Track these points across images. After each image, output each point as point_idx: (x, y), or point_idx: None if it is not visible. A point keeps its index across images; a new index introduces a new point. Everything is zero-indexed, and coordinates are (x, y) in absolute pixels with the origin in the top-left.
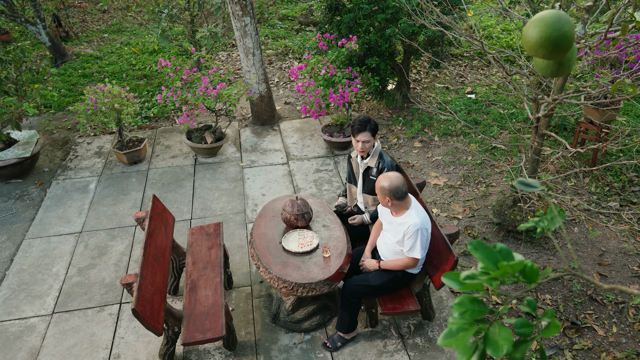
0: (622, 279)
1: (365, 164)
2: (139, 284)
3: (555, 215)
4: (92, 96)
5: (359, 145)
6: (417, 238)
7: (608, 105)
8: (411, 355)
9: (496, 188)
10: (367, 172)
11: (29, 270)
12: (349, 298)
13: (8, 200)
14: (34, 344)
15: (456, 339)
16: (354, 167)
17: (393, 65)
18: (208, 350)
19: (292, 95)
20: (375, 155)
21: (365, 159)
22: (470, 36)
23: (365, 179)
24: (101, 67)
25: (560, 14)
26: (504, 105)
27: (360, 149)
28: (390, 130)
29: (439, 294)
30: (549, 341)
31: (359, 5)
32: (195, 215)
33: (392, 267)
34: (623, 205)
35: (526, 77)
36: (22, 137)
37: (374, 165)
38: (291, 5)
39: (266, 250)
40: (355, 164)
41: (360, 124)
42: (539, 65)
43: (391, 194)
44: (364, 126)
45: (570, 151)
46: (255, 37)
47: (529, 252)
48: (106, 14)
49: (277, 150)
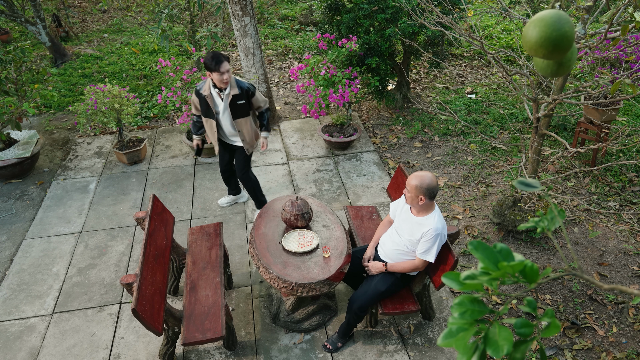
0: (622, 279)
1: (228, 94)
2: (139, 284)
3: (555, 215)
4: (92, 96)
5: (224, 77)
6: (435, 242)
7: (608, 105)
8: (411, 355)
9: (496, 188)
10: (235, 100)
11: (29, 270)
12: (357, 312)
13: (8, 200)
14: (34, 344)
15: (456, 339)
16: (210, 103)
17: (393, 65)
18: (208, 350)
19: (292, 95)
20: (233, 83)
21: (226, 90)
22: (470, 36)
23: (235, 107)
24: (101, 67)
25: (560, 14)
26: (504, 105)
27: (226, 80)
28: (390, 130)
29: (439, 294)
30: (549, 341)
31: (359, 5)
32: (195, 215)
33: (400, 270)
34: (623, 205)
35: (526, 77)
36: (22, 137)
37: (239, 92)
38: (291, 5)
39: (266, 250)
40: (211, 99)
41: (215, 57)
42: (539, 65)
43: (427, 193)
44: (221, 57)
45: (570, 151)
46: (255, 37)
47: (529, 252)
48: (106, 14)
49: (277, 150)
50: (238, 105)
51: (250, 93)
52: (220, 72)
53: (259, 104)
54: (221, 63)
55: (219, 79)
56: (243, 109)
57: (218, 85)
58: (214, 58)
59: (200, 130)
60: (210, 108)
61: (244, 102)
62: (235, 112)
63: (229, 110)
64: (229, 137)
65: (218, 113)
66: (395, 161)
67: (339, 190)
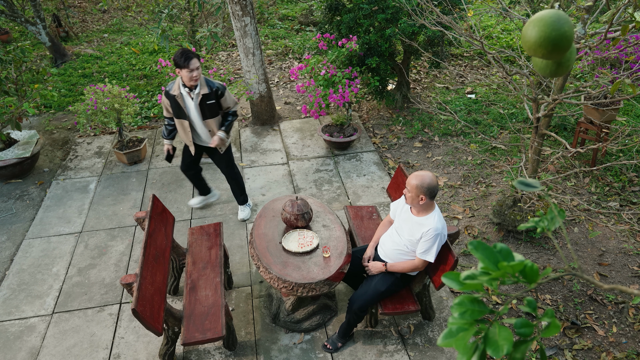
0: (622, 279)
1: (198, 93)
2: (139, 284)
3: (555, 215)
4: (92, 96)
5: (193, 74)
6: (434, 242)
7: (608, 105)
8: (411, 355)
9: (496, 188)
10: (205, 100)
11: (29, 270)
12: (357, 312)
13: (8, 200)
14: (34, 344)
15: (456, 339)
16: (180, 102)
17: (393, 65)
18: (208, 350)
19: (292, 95)
20: (202, 82)
21: (196, 89)
22: (470, 36)
23: (204, 107)
24: (101, 67)
25: (559, 14)
26: (504, 105)
27: (195, 78)
28: (390, 130)
29: (439, 294)
30: (549, 341)
31: (359, 5)
32: (195, 215)
33: (400, 270)
34: (623, 205)
35: (526, 77)
36: (22, 137)
37: (209, 91)
38: (291, 5)
39: (266, 250)
40: (181, 99)
41: (185, 54)
42: (538, 65)
43: (427, 192)
44: (190, 55)
45: (570, 151)
46: (255, 37)
47: (529, 252)
48: (106, 14)
49: (277, 150)
50: (207, 105)
51: (220, 93)
52: (190, 69)
53: (228, 105)
54: (190, 60)
55: (188, 77)
56: (212, 109)
57: (187, 83)
58: (183, 55)
59: (171, 134)
60: (181, 108)
61: (213, 102)
62: (205, 113)
63: (199, 110)
64: (203, 138)
65: (189, 113)
66: (395, 161)
67: (339, 190)
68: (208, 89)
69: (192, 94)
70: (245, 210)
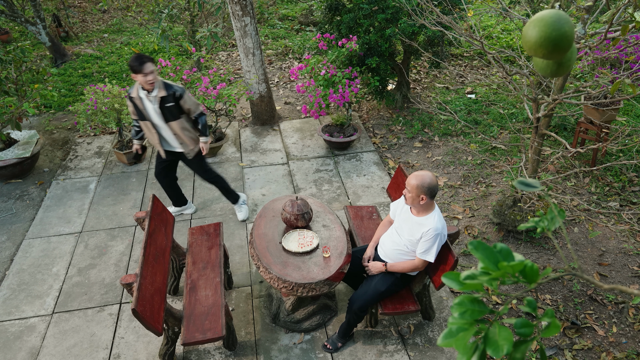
0: (622, 279)
1: (156, 96)
2: (139, 284)
3: (555, 215)
4: (92, 96)
5: (148, 78)
6: (434, 242)
7: (608, 105)
8: (411, 355)
9: (496, 188)
10: (164, 102)
11: (29, 270)
12: (357, 312)
13: (8, 200)
14: (34, 344)
15: (456, 339)
16: (139, 105)
17: (393, 65)
18: (208, 350)
19: (292, 95)
20: (159, 85)
21: (153, 92)
22: (470, 36)
23: (164, 110)
24: (101, 67)
25: (559, 14)
26: (504, 105)
27: (151, 81)
28: (390, 130)
29: (439, 294)
30: (549, 341)
31: (359, 5)
32: (195, 215)
33: (399, 270)
34: (623, 205)
35: (526, 77)
36: (22, 137)
37: (167, 94)
38: (291, 5)
39: (266, 250)
40: (140, 102)
41: (139, 58)
42: (538, 65)
43: (428, 192)
44: (144, 59)
45: (570, 151)
46: (255, 37)
47: (529, 252)
48: (106, 14)
49: (277, 150)
50: (167, 108)
51: (178, 95)
52: (144, 73)
53: (189, 107)
54: (144, 64)
55: (143, 81)
56: (172, 112)
57: (144, 87)
58: (138, 59)
59: (138, 135)
60: (141, 110)
61: (172, 105)
62: (166, 115)
63: (161, 113)
64: (169, 142)
65: (150, 115)
66: (395, 161)
67: (339, 190)
68: (165, 92)
69: (149, 97)
70: (242, 210)
